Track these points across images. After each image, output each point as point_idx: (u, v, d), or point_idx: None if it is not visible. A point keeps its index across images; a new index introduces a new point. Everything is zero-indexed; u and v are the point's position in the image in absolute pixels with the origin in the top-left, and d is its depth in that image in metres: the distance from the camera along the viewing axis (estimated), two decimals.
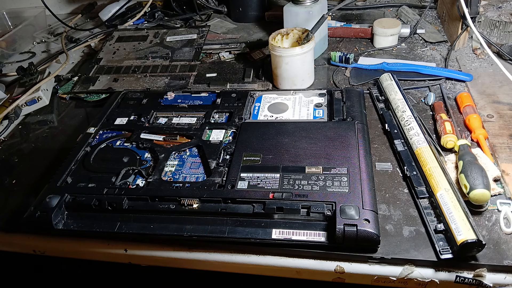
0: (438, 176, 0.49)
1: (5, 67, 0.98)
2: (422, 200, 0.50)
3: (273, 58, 0.72)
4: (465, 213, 0.45)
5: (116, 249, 0.52)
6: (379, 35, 0.83)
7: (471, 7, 0.73)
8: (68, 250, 0.53)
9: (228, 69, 0.84)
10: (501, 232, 0.46)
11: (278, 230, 0.47)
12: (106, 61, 0.89)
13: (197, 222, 0.49)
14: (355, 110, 0.61)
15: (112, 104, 0.69)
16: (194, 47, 0.90)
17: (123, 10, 1.08)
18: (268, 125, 0.60)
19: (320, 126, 0.58)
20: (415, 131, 0.57)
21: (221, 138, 0.59)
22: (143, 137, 0.61)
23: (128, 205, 0.50)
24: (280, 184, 0.50)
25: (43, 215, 0.50)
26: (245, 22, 1.03)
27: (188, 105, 0.67)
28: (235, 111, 0.64)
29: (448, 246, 0.44)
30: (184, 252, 0.50)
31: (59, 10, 1.21)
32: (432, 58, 0.80)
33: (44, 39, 1.09)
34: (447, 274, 0.44)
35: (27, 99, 0.78)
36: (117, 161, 0.57)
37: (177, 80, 0.80)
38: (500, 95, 0.67)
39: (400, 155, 0.56)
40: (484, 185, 0.47)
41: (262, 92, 0.68)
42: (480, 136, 0.58)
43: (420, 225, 0.48)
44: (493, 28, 0.79)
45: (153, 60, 0.87)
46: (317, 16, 0.72)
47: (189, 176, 0.54)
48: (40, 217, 0.50)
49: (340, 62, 0.80)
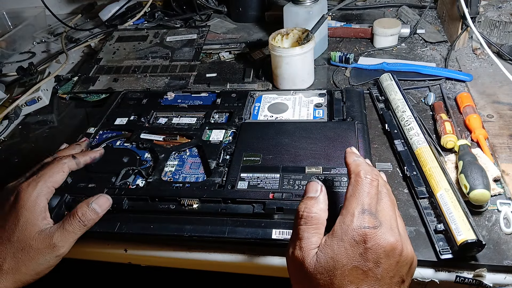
0: (438, 176, 0.49)
1: (5, 67, 0.98)
2: (422, 200, 0.50)
3: (273, 58, 0.72)
4: (465, 213, 0.45)
5: (116, 249, 0.52)
6: (379, 35, 0.83)
7: (471, 7, 0.73)
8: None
9: (228, 69, 0.84)
10: (501, 232, 0.46)
11: (278, 230, 0.47)
12: (106, 61, 0.89)
13: (197, 222, 0.49)
14: (355, 110, 0.61)
15: (112, 104, 0.69)
16: (194, 47, 0.90)
17: (123, 10, 1.08)
18: (268, 125, 0.60)
19: (320, 126, 0.58)
20: (415, 131, 0.57)
21: (221, 138, 0.59)
22: (143, 137, 0.61)
23: (128, 205, 0.50)
24: (280, 184, 0.50)
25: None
26: (245, 22, 1.03)
27: (188, 105, 0.67)
28: (235, 111, 0.64)
29: (448, 246, 0.44)
30: (184, 252, 0.50)
31: (59, 10, 1.21)
32: (432, 58, 0.80)
33: (44, 39, 1.09)
34: (447, 274, 0.44)
35: (27, 99, 0.78)
36: (117, 161, 0.57)
37: (177, 80, 0.80)
38: (500, 95, 0.67)
39: (400, 155, 0.56)
40: (484, 185, 0.47)
41: (262, 92, 0.68)
42: (480, 136, 0.58)
43: (420, 225, 0.48)
44: (493, 28, 0.79)
45: (153, 60, 0.87)
46: (317, 16, 0.72)
47: (189, 176, 0.54)
48: None
49: (340, 62, 0.80)
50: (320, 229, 0.38)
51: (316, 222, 0.38)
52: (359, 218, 0.36)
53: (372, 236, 0.35)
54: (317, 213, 0.38)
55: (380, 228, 0.36)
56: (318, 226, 0.38)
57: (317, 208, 0.38)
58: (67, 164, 0.52)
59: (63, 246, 0.45)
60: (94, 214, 0.47)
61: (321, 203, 0.39)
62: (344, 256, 0.35)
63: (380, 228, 0.36)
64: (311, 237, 0.37)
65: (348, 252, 0.35)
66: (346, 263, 0.35)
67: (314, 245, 0.37)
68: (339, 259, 0.35)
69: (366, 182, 0.38)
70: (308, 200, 0.39)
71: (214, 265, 0.50)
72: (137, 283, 0.81)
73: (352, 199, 0.37)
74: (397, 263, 0.36)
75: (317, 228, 0.38)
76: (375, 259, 0.35)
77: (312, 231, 0.37)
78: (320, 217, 0.38)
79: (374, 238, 0.35)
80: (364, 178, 0.38)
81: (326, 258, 0.35)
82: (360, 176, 0.38)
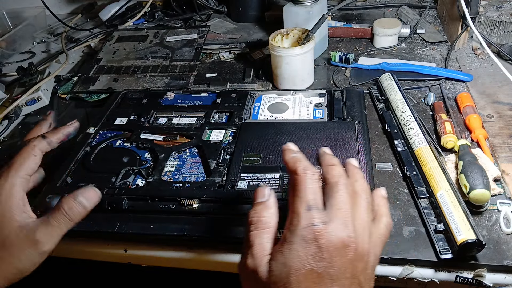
0: (438, 176, 0.49)
1: (5, 67, 0.98)
2: (422, 200, 0.50)
3: (273, 58, 0.72)
4: (465, 213, 0.45)
5: (116, 249, 0.52)
6: (379, 35, 0.83)
7: (471, 7, 0.73)
8: (68, 250, 0.53)
9: (228, 69, 0.84)
10: (501, 232, 0.46)
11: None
12: (106, 61, 0.89)
13: (197, 222, 0.49)
14: (355, 110, 0.61)
15: (112, 104, 0.69)
16: (194, 47, 0.90)
17: (123, 10, 1.08)
18: (268, 125, 0.60)
19: (320, 126, 0.58)
20: (415, 131, 0.57)
21: (221, 138, 0.59)
22: (143, 137, 0.61)
23: (128, 205, 0.50)
24: (280, 184, 0.50)
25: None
26: (245, 22, 1.03)
27: (188, 105, 0.67)
28: (235, 111, 0.64)
29: (448, 246, 0.44)
30: (184, 252, 0.50)
31: (59, 10, 1.21)
32: (432, 58, 0.80)
33: (44, 39, 1.09)
34: (447, 274, 0.44)
35: (27, 99, 0.77)
36: (117, 161, 0.57)
37: (177, 80, 0.80)
38: (500, 95, 0.67)
39: (400, 155, 0.56)
40: (484, 185, 0.47)
41: (262, 92, 0.68)
42: (480, 136, 0.58)
43: (420, 225, 0.48)
44: (493, 28, 0.79)
45: (153, 60, 0.87)
46: (317, 16, 0.72)
47: (189, 176, 0.54)
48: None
49: (340, 62, 0.80)
50: (271, 234, 0.36)
51: (267, 226, 0.36)
52: (306, 216, 0.34)
53: (323, 233, 0.33)
54: (267, 216, 0.36)
55: (330, 223, 0.33)
56: (269, 230, 0.35)
57: (267, 212, 0.36)
58: (38, 146, 0.46)
59: (47, 243, 0.41)
60: (81, 208, 0.43)
61: (271, 207, 0.37)
62: (297, 260, 0.32)
63: (330, 224, 0.33)
64: (263, 243, 0.35)
65: (300, 255, 0.32)
66: (299, 267, 0.32)
67: (266, 252, 0.34)
68: (292, 264, 0.32)
69: (307, 177, 0.35)
70: (257, 206, 0.37)
71: (214, 265, 0.50)
72: (137, 283, 0.81)
73: (295, 199, 0.35)
74: (351, 262, 0.33)
75: (268, 232, 0.35)
76: (328, 258, 0.32)
77: (264, 236, 0.35)
78: (271, 221, 0.36)
79: (325, 235, 0.33)
80: (303, 174, 0.36)
81: (279, 265, 0.33)
82: (298, 173, 0.36)
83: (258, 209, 0.36)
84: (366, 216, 0.36)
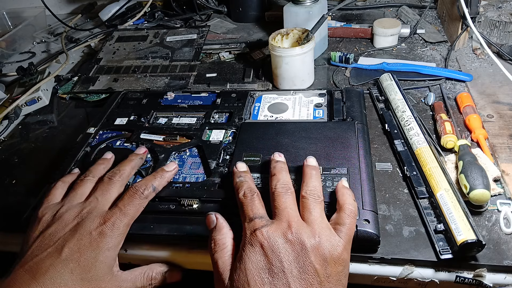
0: (438, 176, 0.49)
1: (5, 67, 0.98)
2: (422, 200, 0.50)
3: (273, 58, 0.72)
4: (465, 213, 0.45)
5: None
6: (379, 35, 0.84)
7: (471, 7, 0.73)
8: None
9: (228, 69, 0.84)
10: (501, 232, 0.46)
11: None
12: (106, 61, 0.89)
13: (197, 222, 0.49)
14: (355, 110, 0.61)
15: (112, 104, 0.69)
16: (194, 47, 0.90)
17: (123, 10, 1.08)
18: (268, 125, 0.60)
19: (320, 126, 0.58)
20: (415, 131, 0.57)
21: (221, 138, 0.59)
22: (143, 137, 0.61)
23: None
24: None
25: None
26: (245, 22, 1.03)
27: (188, 105, 0.67)
28: (235, 111, 0.64)
29: (448, 246, 0.44)
30: (184, 252, 0.50)
31: (59, 10, 1.21)
32: (432, 58, 0.80)
33: (44, 39, 1.09)
34: (447, 274, 0.44)
35: (27, 99, 0.78)
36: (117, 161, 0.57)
37: (177, 80, 0.80)
38: (500, 95, 0.67)
39: (400, 155, 0.56)
40: (484, 185, 0.47)
41: (262, 92, 0.68)
42: (480, 136, 0.58)
43: (420, 225, 0.48)
44: (493, 28, 0.79)
45: (153, 60, 0.87)
46: (317, 16, 0.72)
47: (189, 176, 0.54)
48: None
49: (340, 62, 0.80)
50: (230, 250, 0.41)
51: (224, 246, 0.41)
52: (249, 226, 0.40)
53: (265, 235, 0.38)
54: (221, 238, 0.42)
55: (271, 225, 0.39)
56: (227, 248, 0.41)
57: (220, 235, 0.42)
58: (148, 198, 0.48)
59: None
60: (161, 277, 0.47)
61: (222, 228, 0.43)
62: (250, 266, 0.37)
63: (271, 225, 0.39)
64: (225, 260, 0.40)
65: (252, 259, 0.38)
66: (254, 271, 0.37)
67: (228, 267, 0.40)
68: (247, 270, 0.37)
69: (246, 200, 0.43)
70: (211, 232, 0.43)
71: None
72: None
73: (241, 218, 0.42)
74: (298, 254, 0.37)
75: (226, 250, 0.41)
76: (275, 255, 0.37)
77: (224, 254, 0.41)
78: (225, 241, 0.41)
79: (268, 236, 0.38)
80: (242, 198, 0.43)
81: (239, 273, 0.38)
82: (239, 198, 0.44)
83: (212, 234, 0.43)
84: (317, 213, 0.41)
